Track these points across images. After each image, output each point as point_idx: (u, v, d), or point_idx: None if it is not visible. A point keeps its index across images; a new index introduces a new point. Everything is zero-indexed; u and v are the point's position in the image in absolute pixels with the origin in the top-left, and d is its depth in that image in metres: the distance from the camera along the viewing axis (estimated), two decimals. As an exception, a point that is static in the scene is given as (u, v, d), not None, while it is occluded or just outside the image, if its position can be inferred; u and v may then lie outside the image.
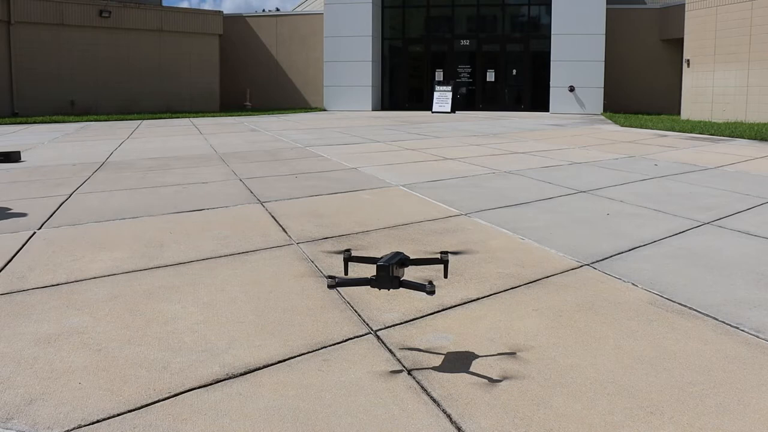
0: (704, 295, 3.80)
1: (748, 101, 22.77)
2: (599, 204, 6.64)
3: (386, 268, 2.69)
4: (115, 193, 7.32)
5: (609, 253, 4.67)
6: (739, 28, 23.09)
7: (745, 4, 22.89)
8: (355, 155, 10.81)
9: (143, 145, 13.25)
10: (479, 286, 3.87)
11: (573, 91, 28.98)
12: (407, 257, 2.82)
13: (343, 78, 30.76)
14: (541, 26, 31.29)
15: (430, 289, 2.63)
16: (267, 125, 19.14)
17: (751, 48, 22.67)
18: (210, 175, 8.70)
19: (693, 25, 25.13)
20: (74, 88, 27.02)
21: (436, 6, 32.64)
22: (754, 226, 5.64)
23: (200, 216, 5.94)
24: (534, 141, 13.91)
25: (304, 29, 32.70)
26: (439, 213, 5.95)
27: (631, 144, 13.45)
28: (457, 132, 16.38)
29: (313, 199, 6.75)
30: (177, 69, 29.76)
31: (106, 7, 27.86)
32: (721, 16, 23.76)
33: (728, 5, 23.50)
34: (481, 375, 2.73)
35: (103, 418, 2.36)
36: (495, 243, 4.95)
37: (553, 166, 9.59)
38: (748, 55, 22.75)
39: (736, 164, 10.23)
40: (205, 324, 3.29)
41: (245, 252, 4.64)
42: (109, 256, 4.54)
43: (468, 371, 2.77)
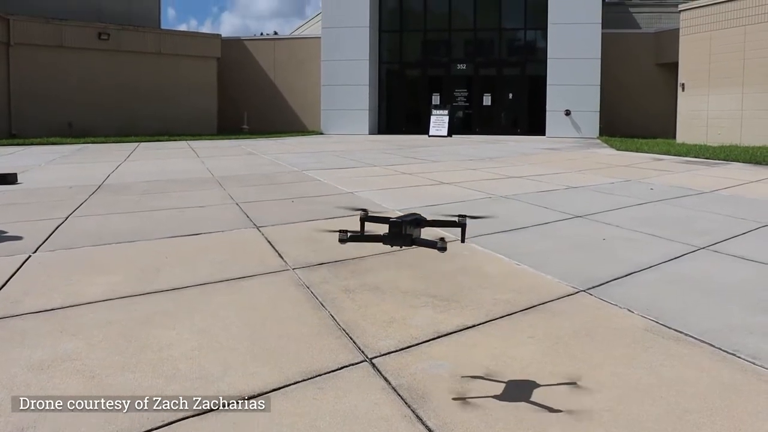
0: (700, 321, 3.79)
1: (743, 125, 22.87)
2: (595, 229, 6.65)
3: (399, 224, 2.69)
4: (111, 217, 7.31)
5: (605, 278, 4.66)
6: (733, 52, 23.23)
7: (738, 29, 23.04)
8: (351, 179, 10.83)
9: (140, 168, 13.26)
10: (475, 312, 3.86)
11: (569, 114, 29.09)
12: (423, 218, 2.82)
13: (340, 101, 30.87)
14: (537, 50, 31.46)
15: (441, 245, 2.63)
16: (264, 148, 19.17)
17: (745, 72, 22.80)
18: (207, 198, 8.70)
19: (687, 49, 25.29)
20: (72, 109, 27.05)
21: (433, 30, 32.82)
22: (750, 250, 5.64)
23: (196, 240, 5.94)
24: (530, 165, 13.95)
25: (301, 53, 32.84)
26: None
27: (627, 168, 13.48)
28: (453, 156, 16.42)
29: (310, 224, 6.74)
30: (175, 91, 29.82)
31: (104, 29, 27.98)
32: (715, 40, 23.91)
33: (722, 30, 23.66)
34: (477, 403, 2.71)
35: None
36: (491, 268, 4.95)
37: (550, 191, 9.61)
38: (742, 79, 22.88)
39: (731, 188, 10.26)
40: (199, 351, 3.28)
41: (241, 277, 4.63)
42: (104, 281, 4.52)
43: (463, 400, 2.75)
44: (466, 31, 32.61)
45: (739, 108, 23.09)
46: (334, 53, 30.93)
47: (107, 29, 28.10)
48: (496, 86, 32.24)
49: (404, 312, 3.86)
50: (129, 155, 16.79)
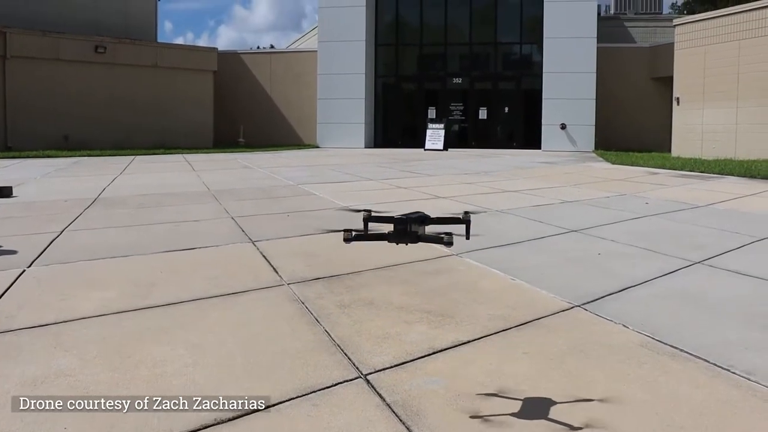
0: (696, 336, 3.79)
1: (737, 139, 22.95)
2: (591, 243, 6.65)
3: (404, 221, 2.69)
4: (106, 231, 7.31)
5: (600, 293, 4.66)
6: (727, 67, 23.34)
7: (732, 43, 23.16)
8: (347, 193, 10.83)
9: (136, 181, 13.25)
10: (470, 328, 3.86)
11: (564, 128, 29.16)
12: (427, 216, 2.82)
13: (336, 115, 30.91)
14: (533, 64, 31.55)
15: (448, 240, 2.62)
16: (260, 162, 19.18)
17: (739, 86, 22.90)
18: (202, 212, 8.70)
19: (682, 63, 25.41)
20: (68, 122, 27.01)
21: (429, 44, 32.93)
22: (745, 265, 5.65)
23: (191, 255, 5.93)
24: (525, 179, 13.97)
25: (298, 66, 32.90)
26: (430, 253, 5.94)
27: (622, 182, 13.51)
28: (449, 170, 16.44)
29: (304, 239, 6.75)
30: (171, 105, 29.82)
31: (101, 42, 28.00)
32: (710, 55, 24.02)
33: (716, 45, 23.78)
34: (471, 420, 2.71)
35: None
36: (486, 284, 4.95)
37: (545, 205, 9.62)
38: (737, 93, 22.97)
39: (726, 202, 10.28)
40: (194, 367, 3.27)
41: (236, 293, 4.62)
42: (99, 296, 4.51)
43: (458, 417, 2.75)
44: (461, 45, 32.71)
45: (734, 122, 23.17)
46: (331, 67, 30.99)
47: (104, 42, 28.13)
48: (491, 100, 32.31)
49: (399, 327, 3.85)
50: (125, 168, 16.78)
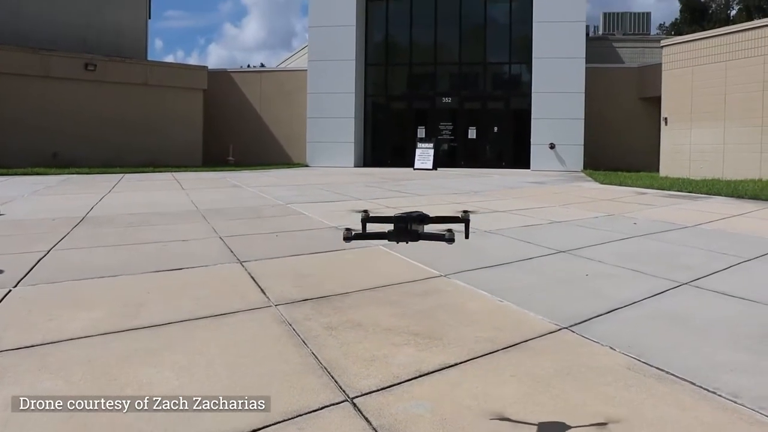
0: (682, 358, 3.80)
1: (725, 159, 23.09)
2: (579, 264, 6.67)
3: (404, 220, 2.70)
4: (94, 250, 7.28)
5: (587, 315, 4.67)
6: (714, 87, 23.53)
7: (719, 64, 23.35)
8: (336, 213, 10.83)
9: (124, 200, 13.22)
10: (457, 350, 3.86)
11: (553, 148, 29.29)
12: (426, 215, 2.82)
13: (326, 134, 30.99)
14: (522, 84, 31.73)
15: (449, 237, 2.63)
16: (249, 181, 19.17)
17: (726, 107, 23.08)
18: (190, 232, 8.68)
19: (670, 84, 25.59)
20: (57, 140, 26.96)
21: (419, 64, 33.08)
22: (732, 286, 5.67)
23: (179, 275, 5.92)
24: (514, 199, 14.01)
25: (288, 85, 32.98)
26: (419, 274, 5.95)
27: (610, 202, 13.56)
28: (438, 189, 16.47)
29: (293, 259, 6.74)
30: (160, 123, 29.82)
31: (91, 60, 28.02)
32: (697, 75, 24.21)
33: (703, 66, 23.97)
34: (458, 444, 2.71)
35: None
36: (474, 305, 4.95)
37: (534, 225, 9.65)
38: (724, 114, 23.14)
39: (713, 222, 10.33)
40: (180, 389, 3.25)
41: (223, 314, 4.61)
42: (86, 316, 4.50)
43: (445, 440, 2.75)
44: (451, 65, 32.88)
45: (721, 142, 23.33)
46: (320, 86, 31.10)
47: (94, 60, 28.15)
48: (481, 119, 32.45)
49: (386, 350, 3.85)
50: (113, 186, 16.74)
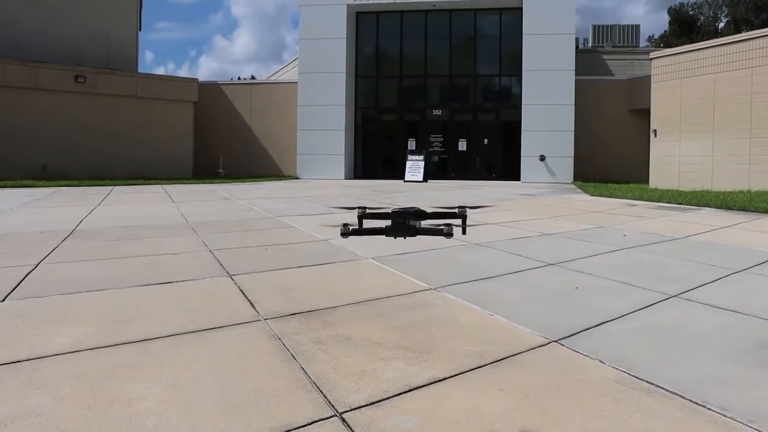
0: (671, 371, 3.80)
1: (714, 170, 23.21)
2: (568, 277, 6.68)
3: (401, 215, 2.69)
4: (82, 264, 7.25)
5: (577, 328, 4.67)
6: (703, 99, 23.67)
7: (708, 77, 23.50)
8: (326, 226, 10.81)
9: (114, 213, 13.18)
10: (446, 365, 3.85)
11: (543, 160, 29.39)
12: (423, 211, 2.82)
13: (316, 146, 31.03)
14: (512, 96, 31.86)
15: (447, 231, 2.63)
16: (239, 193, 19.16)
17: (715, 119, 23.21)
18: (180, 245, 8.66)
19: (659, 96, 25.73)
20: (47, 152, 26.91)
21: (409, 77, 33.17)
22: (721, 298, 5.69)
23: (168, 289, 5.89)
24: (505, 211, 14.02)
25: (278, 97, 33.04)
26: (408, 287, 5.95)
27: (600, 214, 13.60)
28: (428, 202, 16.48)
29: (282, 273, 6.73)
30: (151, 135, 29.81)
31: (81, 72, 28.01)
32: (686, 87, 24.35)
33: (692, 78, 24.12)
34: (447, 460, 2.70)
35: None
36: (463, 319, 4.95)
37: (524, 238, 9.66)
38: (713, 126, 23.28)
39: (702, 234, 10.37)
40: (168, 405, 3.24)
41: (212, 328, 4.59)
42: (73, 331, 4.47)
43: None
44: (441, 77, 33.01)
45: (710, 154, 23.45)
46: (311, 98, 31.18)
47: (84, 72, 28.14)
48: (471, 132, 32.56)
49: (375, 364, 3.84)
50: (103, 199, 16.70)
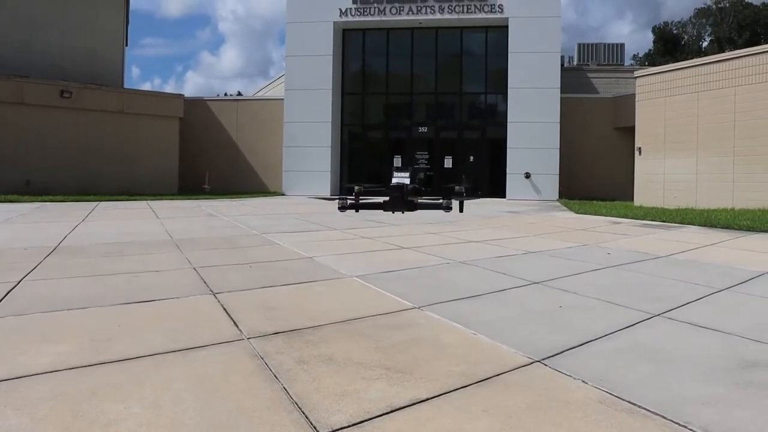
0: (653, 392, 3.81)
1: (698, 188, 23.37)
2: (552, 296, 6.69)
3: (399, 188, 2.68)
4: (65, 281, 7.20)
5: (560, 348, 4.67)
6: (687, 117, 23.87)
7: (692, 95, 23.70)
8: (311, 243, 10.80)
9: (98, 229, 13.11)
10: (429, 385, 3.84)
11: (529, 177, 29.51)
12: (421, 188, 2.80)
13: (302, 163, 31.07)
14: (497, 114, 32.03)
15: (446, 205, 2.63)
16: (225, 210, 19.12)
17: (698, 137, 23.41)
18: (164, 262, 8.62)
19: (643, 114, 25.93)
20: (31, 167, 26.86)
21: (395, 94, 33.31)
22: (704, 317, 5.71)
23: (151, 307, 5.86)
24: (490, 229, 14.06)
25: (264, 114, 33.10)
26: (392, 306, 5.94)
27: (585, 232, 13.65)
28: (413, 219, 16.48)
29: (266, 291, 6.70)
30: (136, 150, 29.79)
31: (67, 87, 27.97)
32: (670, 105, 24.55)
33: (676, 96, 24.33)
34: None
35: None
36: (447, 338, 4.94)
37: (508, 256, 9.68)
38: (696, 144, 23.47)
39: (686, 252, 10.42)
40: (148, 426, 3.21)
41: (194, 347, 4.56)
42: (54, 350, 4.43)
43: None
44: (427, 95, 33.18)
45: (694, 171, 23.62)
46: (297, 115, 31.25)
47: (69, 87, 28.11)
48: (456, 149, 32.69)
49: (358, 384, 3.83)
50: (88, 215, 16.63)
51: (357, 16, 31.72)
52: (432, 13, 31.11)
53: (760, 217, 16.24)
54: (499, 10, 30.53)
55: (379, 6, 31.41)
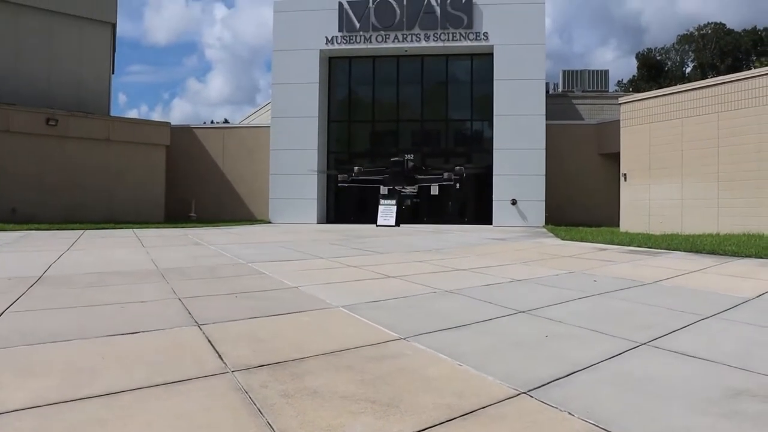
0: (640, 423, 3.80)
1: (683, 213, 23.53)
2: (539, 325, 6.68)
3: (401, 163, 2.62)
4: (49, 312, 7.14)
5: (546, 379, 4.66)
6: (671, 143, 24.08)
7: (675, 121, 23.93)
8: (297, 272, 10.78)
9: (83, 258, 13.05)
10: (415, 418, 3.81)
11: (515, 204, 29.60)
12: (420, 166, 2.75)
13: (288, 190, 31.11)
14: (483, 141, 32.19)
15: (448, 177, 2.58)
16: (211, 238, 19.07)
17: (683, 162, 23.60)
18: (149, 293, 8.56)
19: (628, 140, 26.15)
20: (17, 195, 26.77)
21: (382, 121, 33.45)
22: (689, 345, 5.71)
23: (135, 339, 5.81)
24: (477, 256, 14.06)
25: (250, 141, 33.16)
26: (378, 337, 5.91)
27: (571, 258, 13.67)
28: (400, 247, 16.49)
29: (251, 322, 6.66)
30: (123, 178, 29.77)
31: (53, 115, 27.96)
32: (654, 132, 24.77)
33: (660, 122, 24.55)
34: None
35: None
36: (433, 370, 4.92)
37: (494, 284, 9.67)
38: (681, 169, 23.66)
39: (672, 278, 10.46)
40: (130, 464, 3.18)
41: (179, 381, 4.52)
42: (36, 384, 4.38)
43: None
44: (413, 122, 33.35)
45: (679, 197, 23.78)
46: (283, 142, 31.33)
47: (56, 115, 28.11)
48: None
49: (343, 418, 3.80)
50: (73, 244, 16.55)
51: (343, 44, 31.92)
52: (418, 41, 31.35)
53: (744, 242, 16.33)
54: (485, 38, 30.80)
55: (365, 34, 31.63)
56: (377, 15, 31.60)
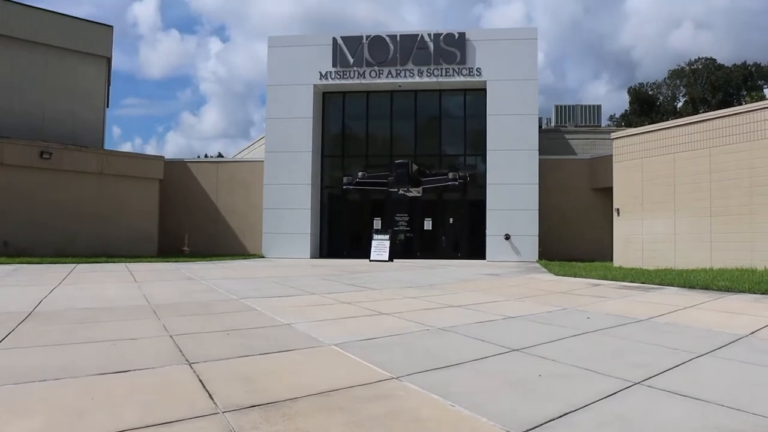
0: (634, 467, 3.77)
1: (677, 248, 23.57)
2: (532, 364, 6.65)
3: (405, 165, 2.59)
4: (38, 350, 7.09)
5: (540, 420, 4.63)
6: (663, 178, 24.20)
7: (668, 156, 24.06)
8: (289, 309, 10.74)
9: (75, 293, 12.98)
10: (407, 462, 3.79)
11: (509, 239, 29.62)
12: (424, 170, 2.72)
13: (282, 225, 31.10)
14: (476, 176, 32.22)
15: (453, 178, 2.54)
16: (203, 273, 19.01)
17: (675, 198, 23.69)
18: (140, 330, 8.51)
19: (621, 175, 26.26)
20: (9, 228, 26.70)
21: (375, 155, 33.51)
22: (683, 384, 5.69)
23: (125, 378, 5.76)
24: (470, 292, 14.03)
25: (244, 176, 33.22)
26: (371, 377, 5.87)
27: (564, 295, 13.65)
28: (393, 283, 16.46)
29: (243, 360, 6.62)
30: (116, 212, 29.75)
31: (47, 148, 27.99)
32: (647, 167, 24.90)
33: (652, 158, 24.69)
34: None
35: None
36: (426, 411, 4.88)
37: (487, 321, 9.64)
38: (674, 204, 23.74)
39: (665, 315, 10.44)
40: None
41: (169, 422, 4.46)
42: (22, 426, 4.33)
43: None
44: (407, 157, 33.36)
45: (672, 232, 23.83)
46: (277, 177, 31.38)
47: (49, 148, 28.15)
48: (436, 211, 32.87)
49: (335, 462, 3.76)
50: (65, 278, 16.48)
51: (337, 79, 32.11)
52: (411, 76, 31.54)
53: (737, 278, 16.33)
54: (478, 74, 31.02)
55: (359, 69, 31.83)
56: (371, 51, 31.81)
